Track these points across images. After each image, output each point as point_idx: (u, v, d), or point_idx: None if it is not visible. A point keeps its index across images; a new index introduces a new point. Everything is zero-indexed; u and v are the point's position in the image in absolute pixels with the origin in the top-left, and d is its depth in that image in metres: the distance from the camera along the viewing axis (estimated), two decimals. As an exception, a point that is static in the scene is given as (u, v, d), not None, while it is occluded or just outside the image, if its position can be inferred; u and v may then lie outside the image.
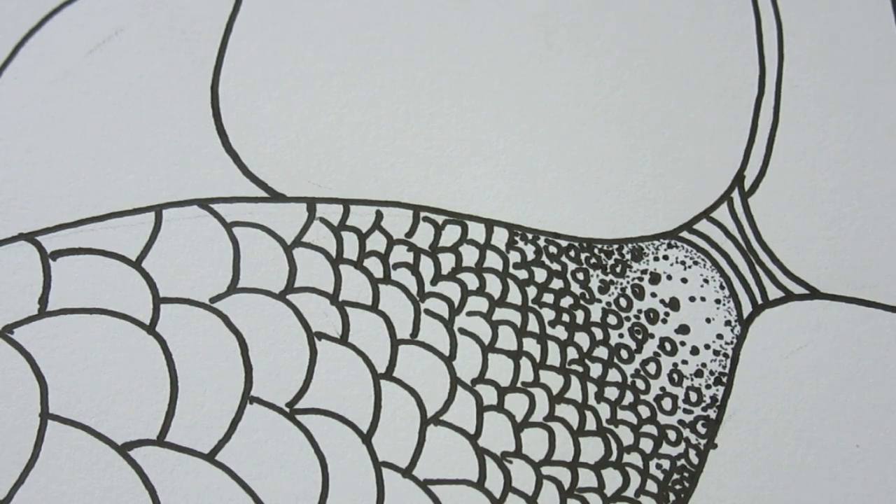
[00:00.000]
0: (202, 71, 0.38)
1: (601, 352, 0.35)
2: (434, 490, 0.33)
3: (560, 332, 0.35)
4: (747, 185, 0.38)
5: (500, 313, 0.35)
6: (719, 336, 0.35)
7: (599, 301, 0.35)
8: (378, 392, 0.34)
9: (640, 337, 0.35)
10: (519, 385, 0.34)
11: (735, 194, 0.37)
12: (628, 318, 0.35)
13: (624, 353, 0.35)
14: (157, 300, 0.34)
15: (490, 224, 0.36)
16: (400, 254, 0.35)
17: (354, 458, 0.33)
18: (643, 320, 0.35)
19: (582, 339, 0.35)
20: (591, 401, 0.34)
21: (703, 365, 0.35)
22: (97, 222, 0.35)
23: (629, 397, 0.34)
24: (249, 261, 0.35)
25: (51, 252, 0.34)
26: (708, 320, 0.36)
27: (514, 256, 0.36)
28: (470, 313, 0.35)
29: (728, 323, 0.36)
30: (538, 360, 0.34)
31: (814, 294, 0.36)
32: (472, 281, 0.35)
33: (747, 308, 0.36)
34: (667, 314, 0.36)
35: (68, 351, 0.33)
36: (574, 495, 0.33)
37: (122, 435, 0.32)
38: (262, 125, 0.37)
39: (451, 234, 0.36)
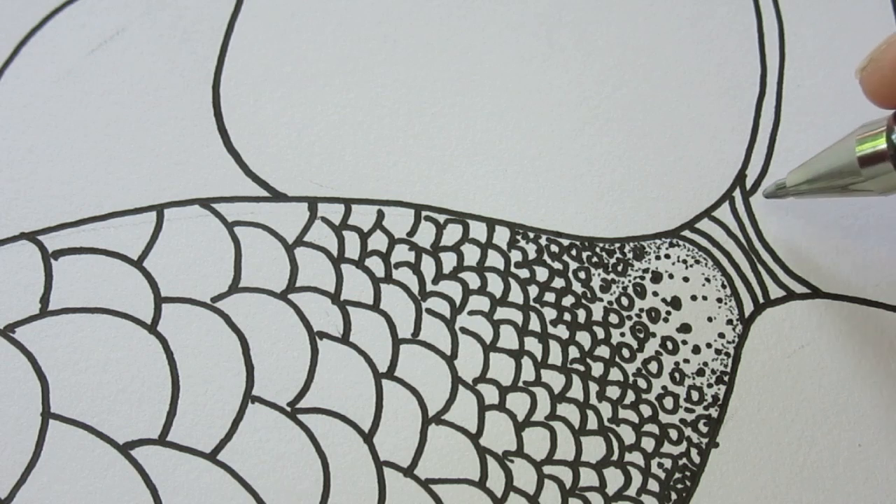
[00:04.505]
0: (204, 70, 0.38)
1: (603, 351, 0.35)
2: (436, 489, 0.33)
3: (562, 331, 0.35)
4: (749, 184, 0.38)
5: (501, 312, 0.35)
6: (721, 335, 0.35)
7: (601, 300, 0.35)
8: (379, 391, 0.34)
9: (641, 336, 0.35)
10: (520, 384, 0.34)
11: (737, 193, 0.37)
12: (630, 317, 0.35)
13: (625, 352, 0.35)
14: (159, 299, 0.34)
15: (492, 223, 0.36)
16: (401, 253, 0.35)
17: (356, 458, 0.33)
18: (645, 319, 0.35)
19: (583, 338, 0.35)
20: (593, 400, 0.34)
21: (705, 364, 0.35)
22: (99, 221, 0.35)
23: (631, 396, 0.34)
24: (251, 260, 0.35)
25: (52, 251, 0.34)
26: (709, 319, 0.36)
27: (516, 255, 0.36)
28: (471, 312, 0.35)
29: (730, 322, 0.36)
30: (540, 359, 0.34)
31: (815, 293, 0.36)
32: (473, 280, 0.35)
33: (749, 307, 0.36)
34: (668, 313, 0.36)
35: (70, 350, 0.33)
36: (576, 494, 0.33)
37: (124, 434, 0.33)
38: (263, 125, 0.37)
39: (452, 233, 0.36)
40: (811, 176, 0.33)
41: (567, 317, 0.35)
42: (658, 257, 0.36)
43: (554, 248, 0.36)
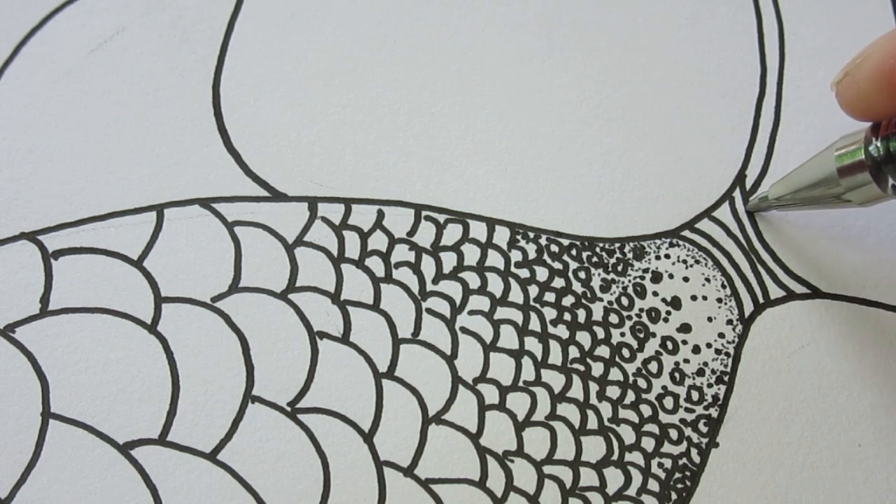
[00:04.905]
0: (204, 70, 0.38)
1: (603, 350, 0.35)
2: (436, 489, 0.33)
3: (562, 331, 0.35)
4: (749, 184, 0.38)
5: (501, 312, 0.35)
6: (721, 335, 0.35)
7: (601, 300, 0.35)
8: (379, 391, 0.34)
9: (641, 336, 0.35)
10: (520, 384, 0.34)
11: (736, 193, 0.37)
12: (630, 317, 0.35)
13: (625, 352, 0.35)
14: (159, 299, 0.34)
15: (492, 223, 0.36)
16: (401, 253, 0.35)
17: (356, 458, 0.33)
18: (645, 319, 0.35)
19: (583, 337, 0.35)
20: (593, 400, 0.34)
21: (705, 364, 0.35)
22: (99, 221, 0.35)
23: (631, 396, 0.34)
24: (251, 260, 0.35)
25: (52, 251, 0.34)
26: (709, 319, 0.36)
27: (516, 255, 0.36)
28: (471, 312, 0.35)
29: (730, 322, 0.36)
30: (540, 358, 0.34)
31: (815, 293, 0.36)
32: (473, 280, 0.35)
33: (749, 307, 0.36)
34: (668, 313, 0.36)
35: (70, 350, 0.33)
36: (576, 494, 0.33)
37: (124, 434, 0.32)
38: (263, 124, 0.37)
39: (452, 233, 0.36)
40: (793, 188, 0.34)
41: (567, 317, 0.35)
42: (658, 257, 0.36)
43: (554, 248, 0.36)
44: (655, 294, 0.36)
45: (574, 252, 0.36)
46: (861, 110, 0.31)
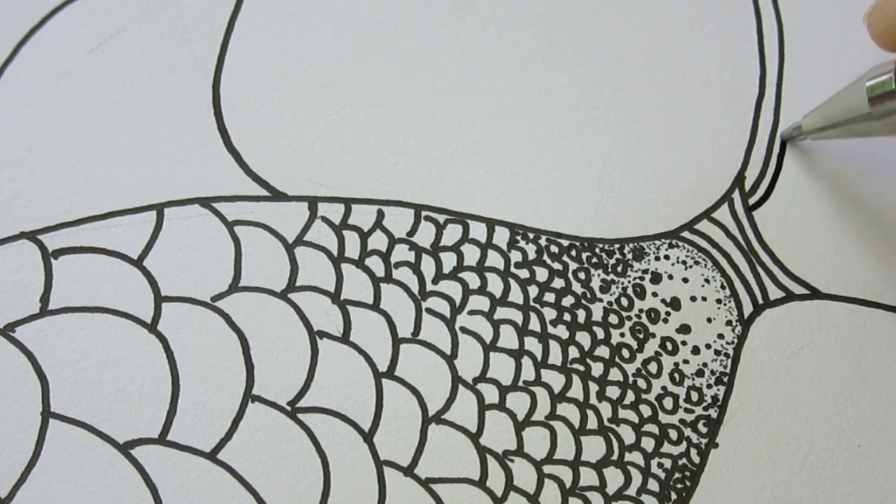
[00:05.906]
0: (204, 70, 0.38)
1: (602, 351, 0.35)
2: (436, 489, 0.33)
3: (561, 332, 0.35)
4: (748, 185, 0.38)
5: (501, 312, 0.35)
6: (720, 336, 0.35)
7: (601, 300, 0.35)
8: (379, 391, 0.34)
9: (641, 336, 0.35)
10: (520, 384, 0.34)
11: (736, 195, 0.37)
12: (629, 318, 0.35)
13: (625, 353, 0.35)
14: (159, 299, 0.34)
15: (491, 223, 0.36)
16: (401, 253, 0.35)
17: (356, 457, 0.33)
18: (644, 320, 0.35)
19: (583, 338, 0.35)
20: (593, 400, 0.34)
21: (704, 364, 0.35)
22: (99, 221, 0.35)
23: (630, 396, 0.34)
24: (251, 259, 0.35)
25: (52, 251, 0.34)
26: (709, 320, 0.36)
27: (516, 255, 0.36)
28: (471, 312, 0.35)
29: (729, 323, 0.36)
30: (540, 358, 0.34)
31: (814, 294, 0.36)
32: (473, 280, 0.35)
33: (748, 308, 0.36)
34: (668, 314, 0.36)
35: (70, 349, 0.33)
36: (576, 494, 0.33)
37: (124, 434, 0.32)
38: (263, 124, 0.37)
39: (452, 234, 0.36)
40: (825, 117, 0.35)
41: (567, 317, 0.35)
42: (657, 258, 0.36)
43: (554, 249, 0.36)
44: (655, 295, 0.36)
45: (574, 253, 0.36)
46: (889, 40, 0.32)
